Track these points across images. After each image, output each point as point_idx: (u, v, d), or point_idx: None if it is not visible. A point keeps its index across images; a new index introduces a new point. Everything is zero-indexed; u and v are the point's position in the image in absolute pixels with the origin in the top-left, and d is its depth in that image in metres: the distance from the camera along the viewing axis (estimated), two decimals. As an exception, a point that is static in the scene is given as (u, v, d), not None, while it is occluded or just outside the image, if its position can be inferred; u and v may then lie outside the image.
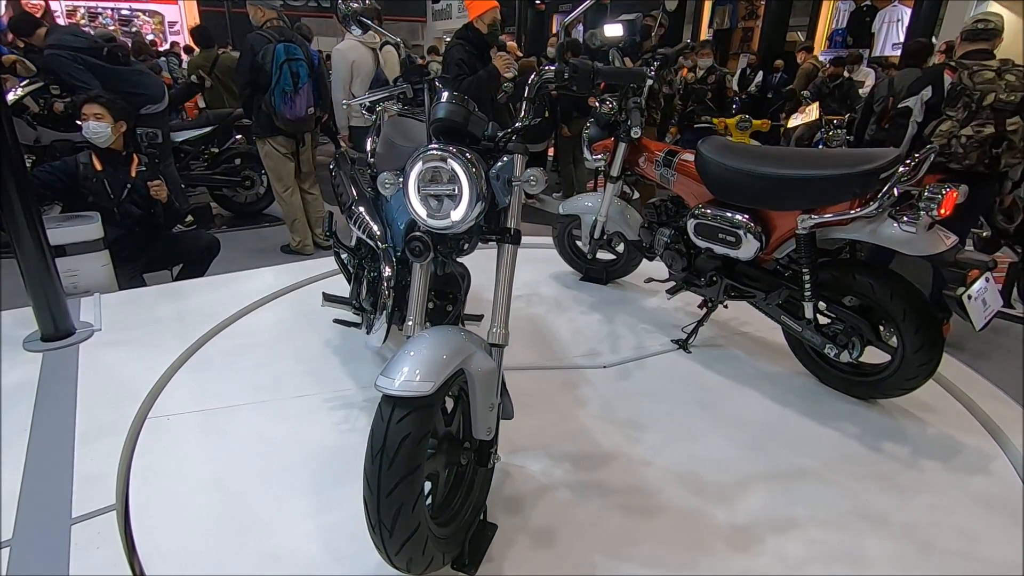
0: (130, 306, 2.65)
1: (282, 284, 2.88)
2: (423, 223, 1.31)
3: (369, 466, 1.10)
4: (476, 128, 1.32)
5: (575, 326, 2.54)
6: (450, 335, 1.21)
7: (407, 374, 1.10)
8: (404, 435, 1.08)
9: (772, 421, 1.94)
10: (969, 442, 1.83)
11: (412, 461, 1.09)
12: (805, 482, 1.66)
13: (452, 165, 1.24)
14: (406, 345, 1.17)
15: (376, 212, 1.92)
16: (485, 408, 1.25)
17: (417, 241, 1.32)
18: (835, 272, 1.93)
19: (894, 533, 1.49)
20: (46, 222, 2.34)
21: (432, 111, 1.32)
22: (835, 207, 1.83)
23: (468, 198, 1.24)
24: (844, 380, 2.05)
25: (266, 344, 2.36)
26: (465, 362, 1.18)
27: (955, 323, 3.22)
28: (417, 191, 1.28)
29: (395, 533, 1.10)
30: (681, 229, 2.32)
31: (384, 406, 1.12)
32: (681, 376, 2.20)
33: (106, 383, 2.05)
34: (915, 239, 1.71)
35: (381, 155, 2.05)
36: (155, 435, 1.81)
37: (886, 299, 1.81)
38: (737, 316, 2.61)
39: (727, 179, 2.03)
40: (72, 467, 1.64)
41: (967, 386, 2.11)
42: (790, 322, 2.05)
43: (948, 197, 1.66)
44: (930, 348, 1.78)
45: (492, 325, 1.30)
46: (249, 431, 1.83)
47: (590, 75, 1.44)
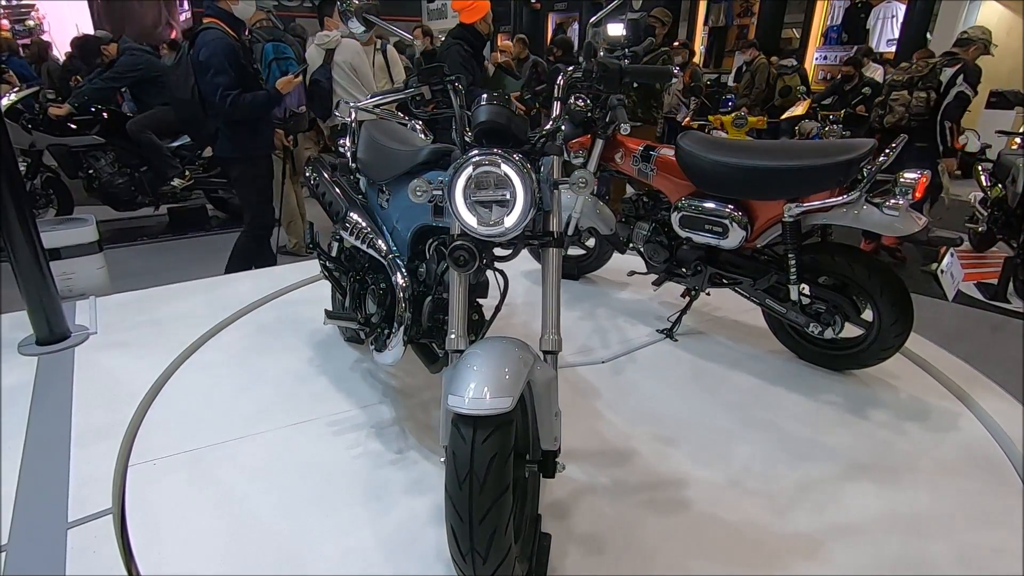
0: (126, 308, 2.64)
1: (277, 286, 2.87)
2: (472, 232, 1.23)
3: (456, 492, 1.04)
4: (519, 129, 1.26)
5: (566, 324, 2.52)
6: (508, 345, 1.16)
7: (481, 391, 1.04)
8: (491, 456, 1.03)
9: (769, 398, 2.05)
10: (937, 403, 2.03)
11: (502, 482, 1.04)
12: (808, 447, 1.80)
13: (505, 169, 1.18)
14: (466, 360, 1.12)
15: (373, 219, 1.86)
16: (550, 417, 1.20)
17: (461, 250, 1.24)
18: (816, 255, 2.05)
19: (886, 479, 1.68)
20: (40, 225, 2.34)
21: (473, 113, 1.27)
22: (819, 195, 1.94)
23: (523, 203, 1.19)
24: (823, 355, 2.19)
25: (263, 349, 2.35)
26: (530, 372, 1.13)
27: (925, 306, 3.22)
28: (465, 198, 1.21)
29: (489, 559, 1.05)
30: (661, 222, 2.40)
31: (463, 427, 1.06)
32: (676, 364, 2.27)
33: (102, 386, 2.04)
34: (895, 221, 1.84)
35: (367, 159, 1.94)
36: (152, 438, 1.80)
37: (865, 277, 1.95)
38: (709, 303, 2.71)
39: (713, 172, 2.09)
40: (68, 471, 1.63)
41: (929, 356, 2.28)
42: (775, 305, 2.14)
43: (920, 182, 1.81)
44: (904, 320, 1.94)
45: (544, 331, 1.27)
46: (253, 437, 1.81)
47: (619, 74, 1.44)
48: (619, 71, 1.44)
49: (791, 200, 1.97)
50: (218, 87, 2.98)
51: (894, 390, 2.09)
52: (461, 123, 1.34)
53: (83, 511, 1.49)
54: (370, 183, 1.97)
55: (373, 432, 1.83)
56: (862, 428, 1.88)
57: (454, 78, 1.48)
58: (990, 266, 4.43)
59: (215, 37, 3.01)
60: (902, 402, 2.02)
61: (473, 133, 1.28)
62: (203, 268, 3.42)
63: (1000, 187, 4.41)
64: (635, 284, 2.82)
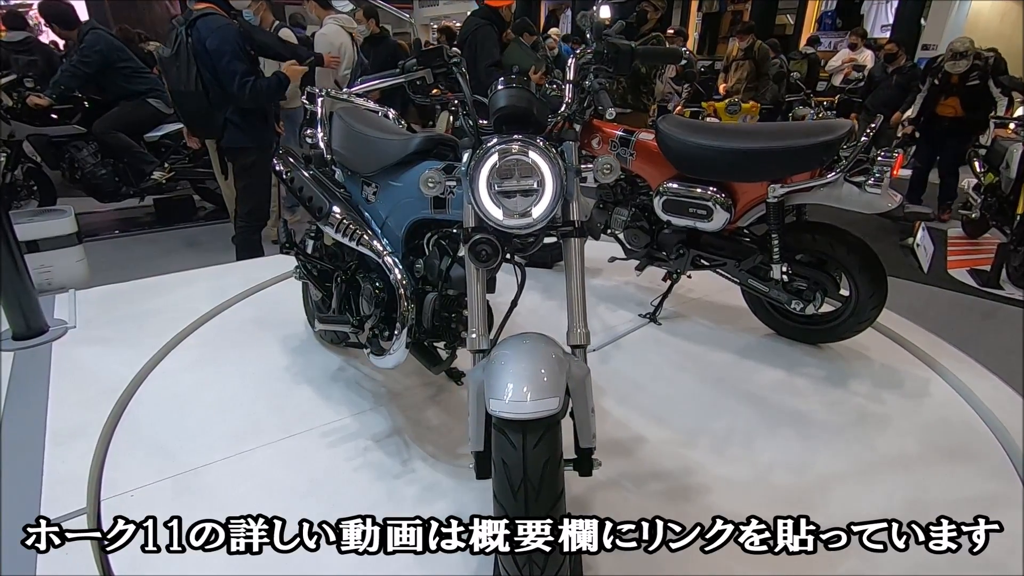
0: (107, 302, 2.58)
1: (263, 277, 2.82)
2: (497, 224, 1.15)
3: (511, 503, 0.99)
4: (542, 114, 1.18)
5: (539, 314, 2.50)
6: (538, 342, 1.10)
7: (523, 393, 0.98)
8: (544, 460, 0.98)
9: (759, 376, 2.11)
10: (910, 370, 2.16)
11: (557, 487, 0.99)
12: (799, 418, 1.89)
13: (533, 157, 1.11)
14: (499, 362, 1.06)
15: (359, 214, 1.75)
16: (587, 413, 1.14)
17: (484, 245, 1.17)
18: (797, 235, 2.10)
19: (866, 437, 1.81)
20: (17, 217, 2.28)
21: (492, 98, 1.19)
22: (801, 176, 1.99)
23: (552, 192, 1.12)
24: (801, 330, 2.28)
25: (244, 342, 2.30)
26: (568, 370, 1.08)
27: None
28: (489, 189, 1.13)
29: (546, 570, 1.00)
30: (641, 207, 2.40)
31: (511, 432, 1.00)
32: (664, 348, 2.29)
33: (80, 382, 1.99)
34: (876, 199, 1.89)
35: (346, 150, 1.82)
36: (130, 434, 1.76)
37: (844, 253, 2.02)
38: (682, 284, 2.69)
39: (696, 155, 2.09)
40: (42, 469, 1.59)
41: (897, 328, 2.40)
42: (758, 284, 2.17)
43: (898, 161, 1.88)
44: (880, 293, 2.02)
45: (571, 325, 1.21)
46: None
47: (630, 56, 1.42)
48: (630, 52, 1.43)
49: (775, 181, 2.00)
50: (235, 73, 2.86)
51: (868, 360, 2.20)
52: (472, 108, 1.26)
53: (57, 510, 1.44)
54: (349, 175, 1.87)
55: (371, 440, 1.74)
56: (839, 395, 2.01)
57: (460, 61, 1.37)
58: (983, 252, 4.43)
59: (222, 24, 2.89)
60: (876, 371, 2.14)
61: (492, 119, 1.20)
62: (189, 259, 3.36)
63: (993, 173, 4.40)
64: (608, 270, 2.81)
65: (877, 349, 2.26)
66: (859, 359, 2.21)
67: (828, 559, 1.19)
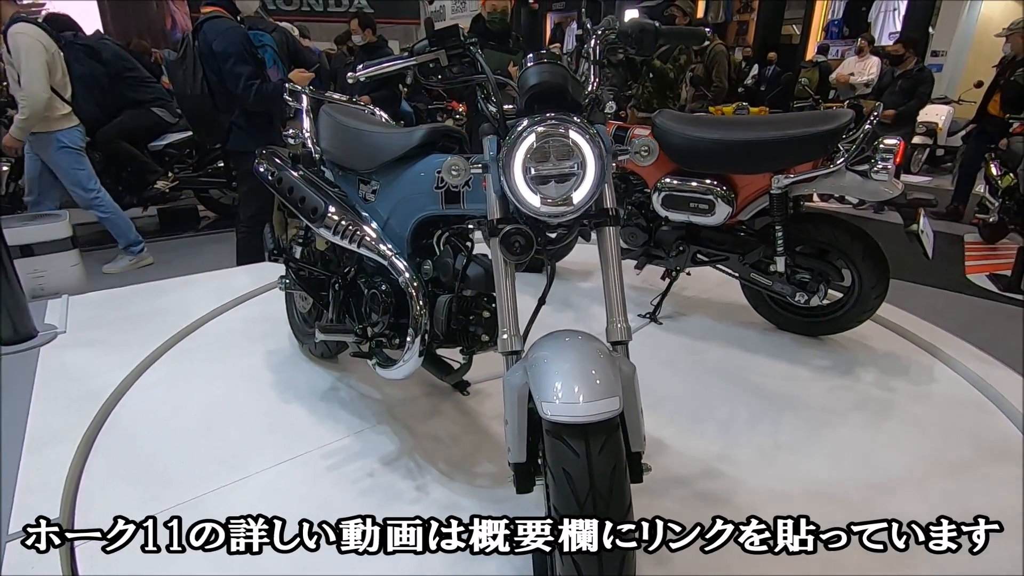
0: (99, 307, 2.53)
1: (263, 281, 2.76)
2: (533, 212, 1.05)
3: (578, 515, 0.90)
4: (577, 92, 1.09)
5: (539, 318, 2.40)
6: (578, 340, 1.01)
7: (576, 395, 0.90)
8: (611, 467, 0.90)
9: (770, 371, 2.09)
10: (913, 357, 2.19)
11: (625, 496, 0.91)
12: (808, 409, 1.88)
13: (574, 137, 1.02)
14: (542, 363, 0.97)
15: (357, 215, 1.63)
16: (638, 414, 1.03)
17: (518, 235, 1.06)
18: (800, 226, 2.07)
19: (882, 426, 1.82)
20: (10, 221, 2.23)
21: (522, 76, 1.11)
22: (804, 166, 1.96)
23: (595, 175, 1.03)
24: (803, 323, 2.24)
25: (237, 349, 2.24)
26: (619, 368, 0.99)
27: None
28: (525, 174, 1.04)
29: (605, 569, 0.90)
30: (637, 204, 2.36)
31: (572, 439, 0.90)
32: (669, 347, 2.25)
33: (64, 387, 1.92)
34: (881, 187, 1.88)
35: (337, 148, 1.72)
36: (112, 442, 1.68)
37: (847, 243, 2.00)
38: (679, 282, 2.55)
39: (696, 149, 2.05)
40: (16, 477, 1.51)
41: (896, 318, 2.41)
42: (760, 278, 2.13)
43: (900, 148, 1.86)
44: (883, 281, 2.01)
45: (611, 320, 1.11)
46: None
47: (654, 35, 1.39)
48: (655, 31, 1.39)
49: (778, 172, 1.97)
50: (240, 76, 2.84)
51: (871, 350, 2.21)
52: (496, 90, 1.18)
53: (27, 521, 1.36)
54: (342, 174, 1.76)
55: (376, 459, 1.63)
56: (846, 382, 2.02)
57: (475, 40, 1.24)
58: (1002, 257, 4.29)
59: (228, 27, 2.87)
60: (880, 359, 2.15)
61: (523, 99, 1.10)
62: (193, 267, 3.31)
63: (1011, 175, 4.28)
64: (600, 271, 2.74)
65: (879, 339, 2.28)
66: (863, 349, 2.21)
67: (828, 559, 1.11)
